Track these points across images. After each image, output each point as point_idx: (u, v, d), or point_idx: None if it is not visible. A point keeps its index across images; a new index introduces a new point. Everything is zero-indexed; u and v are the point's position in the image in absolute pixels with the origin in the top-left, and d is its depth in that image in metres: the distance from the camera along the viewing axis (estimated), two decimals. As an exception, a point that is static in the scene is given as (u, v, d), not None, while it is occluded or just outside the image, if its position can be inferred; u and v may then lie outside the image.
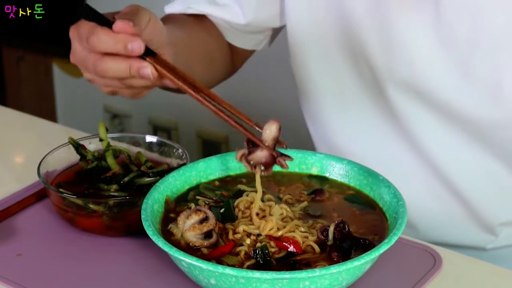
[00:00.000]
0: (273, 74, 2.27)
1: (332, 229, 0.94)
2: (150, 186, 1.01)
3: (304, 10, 1.22)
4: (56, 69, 2.83)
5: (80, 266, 1.01)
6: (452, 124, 1.17)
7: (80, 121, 2.75)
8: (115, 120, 2.71)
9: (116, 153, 1.12)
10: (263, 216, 0.96)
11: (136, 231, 1.02)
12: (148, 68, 0.94)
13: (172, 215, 0.99)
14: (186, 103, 2.50)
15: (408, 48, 1.14)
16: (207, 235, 0.94)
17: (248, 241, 0.93)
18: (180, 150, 1.12)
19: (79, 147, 1.11)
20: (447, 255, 1.02)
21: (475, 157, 1.18)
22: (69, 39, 0.97)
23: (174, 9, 1.27)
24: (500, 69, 1.10)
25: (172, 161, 1.13)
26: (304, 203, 1.02)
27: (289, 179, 1.07)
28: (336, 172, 1.07)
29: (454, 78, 1.13)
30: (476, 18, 1.09)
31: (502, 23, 1.08)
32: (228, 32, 1.30)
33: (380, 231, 0.96)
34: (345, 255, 0.91)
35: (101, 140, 1.12)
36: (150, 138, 1.17)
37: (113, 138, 1.16)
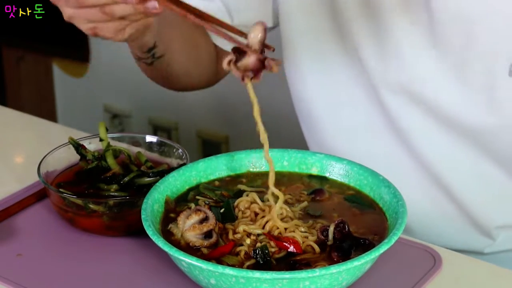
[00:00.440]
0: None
1: (332, 229, 0.94)
2: (150, 186, 1.01)
3: (297, 6, 1.21)
4: (56, 69, 2.83)
5: (80, 266, 1.01)
6: (447, 127, 1.17)
7: (80, 121, 2.75)
8: (115, 120, 2.71)
9: (116, 153, 1.12)
10: (262, 217, 0.97)
11: (136, 231, 1.02)
12: None
13: (172, 215, 0.99)
14: (186, 103, 2.51)
15: (401, 51, 1.14)
16: (207, 235, 0.94)
17: (248, 241, 0.93)
18: (180, 150, 1.12)
19: (79, 147, 1.11)
20: (447, 255, 1.02)
21: (470, 160, 1.18)
22: (68, 39, 0.96)
23: None
24: (494, 75, 1.10)
25: (172, 161, 1.13)
26: (304, 203, 1.02)
27: (289, 179, 1.07)
28: (336, 172, 1.07)
29: (448, 82, 1.13)
30: (468, 24, 1.09)
31: (495, 30, 1.08)
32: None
33: (380, 231, 0.96)
34: (345, 255, 0.91)
35: (101, 140, 1.12)
36: (150, 138, 1.16)
37: (113, 138, 1.16)
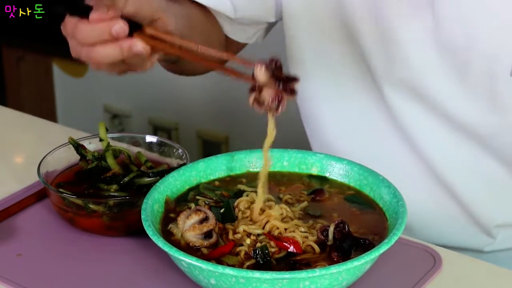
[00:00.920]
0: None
1: (332, 229, 0.94)
2: (150, 186, 1.01)
3: (301, 4, 1.21)
4: (56, 69, 2.83)
5: (80, 266, 1.01)
6: (450, 125, 1.17)
7: (80, 121, 2.75)
8: (115, 120, 2.71)
9: (116, 153, 1.12)
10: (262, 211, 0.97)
11: (136, 231, 1.02)
12: (138, 45, 0.93)
13: (172, 215, 0.99)
14: (186, 103, 2.51)
15: (404, 48, 1.14)
16: (207, 235, 0.94)
17: (248, 241, 0.93)
18: (180, 150, 1.12)
19: (79, 147, 1.11)
20: (447, 255, 1.02)
21: (472, 158, 1.18)
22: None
23: None
24: (495, 75, 1.10)
25: (172, 161, 1.13)
26: (304, 203, 1.02)
27: (289, 179, 1.07)
28: (336, 172, 1.07)
29: (451, 81, 1.13)
30: (470, 24, 1.09)
31: (496, 31, 1.09)
32: (222, 20, 1.29)
33: (380, 231, 0.96)
34: (345, 255, 0.91)
35: (101, 140, 1.12)
36: (150, 138, 1.16)
37: (113, 138, 1.16)
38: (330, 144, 1.27)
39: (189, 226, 0.95)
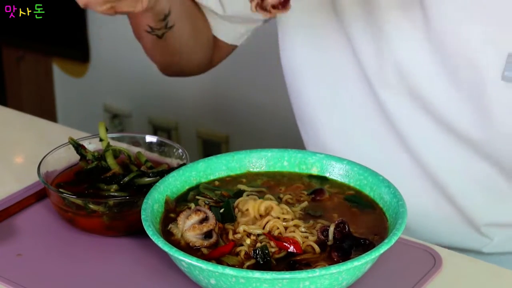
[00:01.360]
0: (266, 74, 2.26)
1: (332, 229, 0.94)
2: (150, 186, 1.01)
3: (294, 4, 1.21)
4: (56, 69, 2.83)
5: (80, 266, 1.01)
6: (443, 128, 1.17)
7: (80, 121, 2.75)
8: (115, 120, 2.71)
9: (116, 153, 1.12)
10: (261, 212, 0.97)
11: (136, 231, 1.02)
12: None
13: (172, 215, 0.99)
14: (186, 103, 2.51)
15: (397, 48, 1.14)
16: (207, 235, 0.94)
17: (248, 241, 0.93)
18: (180, 150, 1.12)
19: (79, 147, 1.11)
20: (447, 255, 1.02)
21: (466, 161, 1.18)
22: (68, 39, 0.96)
23: None
24: (484, 81, 1.10)
25: (172, 161, 1.13)
26: (304, 203, 1.02)
27: (289, 179, 1.07)
28: (336, 172, 1.07)
29: (443, 84, 1.13)
30: (459, 27, 1.09)
31: (486, 29, 1.08)
32: (210, 18, 1.29)
33: (380, 231, 0.96)
34: (345, 255, 0.91)
35: (101, 140, 1.12)
36: (150, 138, 1.16)
37: (113, 138, 1.16)
38: (325, 147, 1.27)
39: (189, 226, 0.95)
